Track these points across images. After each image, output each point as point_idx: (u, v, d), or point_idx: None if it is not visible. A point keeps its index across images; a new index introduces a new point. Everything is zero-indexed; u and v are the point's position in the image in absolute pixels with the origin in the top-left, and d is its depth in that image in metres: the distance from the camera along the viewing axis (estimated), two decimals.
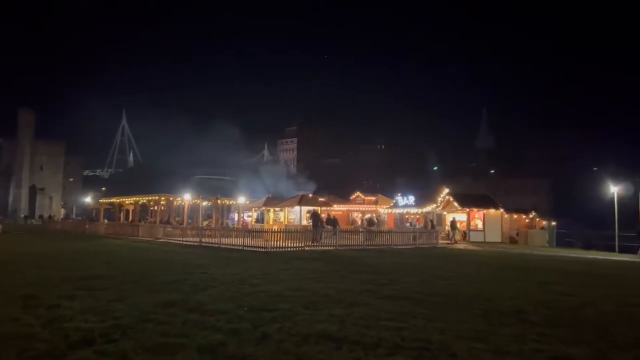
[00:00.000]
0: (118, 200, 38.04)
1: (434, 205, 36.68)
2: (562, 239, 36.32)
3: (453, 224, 31.51)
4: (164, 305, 6.76)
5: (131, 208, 37.74)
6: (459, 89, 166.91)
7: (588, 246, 33.77)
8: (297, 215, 30.38)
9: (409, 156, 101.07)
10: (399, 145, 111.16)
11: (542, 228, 35.14)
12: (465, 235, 33.17)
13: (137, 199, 35.52)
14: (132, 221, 35.91)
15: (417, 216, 39.57)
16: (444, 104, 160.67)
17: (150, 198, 34.51)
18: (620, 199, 31.25)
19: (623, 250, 29.68)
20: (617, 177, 33.09)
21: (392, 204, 40.85)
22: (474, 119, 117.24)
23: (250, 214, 36.35)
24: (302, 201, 30.75)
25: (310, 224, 25.91)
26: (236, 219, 36.93)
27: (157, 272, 11.08)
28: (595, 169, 61.47)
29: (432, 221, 32.54)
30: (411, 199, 39.52)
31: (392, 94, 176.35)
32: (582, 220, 48.32)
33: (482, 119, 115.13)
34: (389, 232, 26.52)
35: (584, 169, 74.61)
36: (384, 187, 67.26)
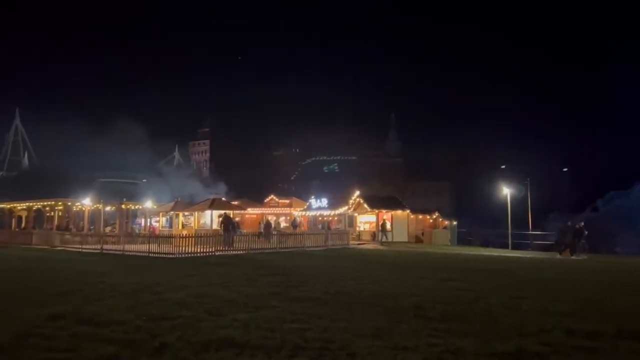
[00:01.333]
0: (8, 206, 34.80)
1: (346, 207, 37.56)
2: (462, 238, 38.72)
3: (383, 225, 32.35)
4: (51, 318, 6.24)
5: (24, 214, 34.72)
6: (369, 92, 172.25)
7: (485, 244, 36.33)
8: (209, 219, 29.68)
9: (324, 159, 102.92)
10: (314, 148, 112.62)
11: (445, 228, 37.27)
12: (374, 235, 34.26)
13: (31, 204, 32.73)
14: (24, 228, 33.05)
15: (330, 218, 40.26)
16: (356, 108, 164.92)
17: (45, 203, 31.93)
18: (512, 199, 33.98)
19: (515, 247, 32.28)
20: (510, 180, 35.94)
21: (306, 207, 41.22)
22: (384, 123, 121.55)
23: (157, 219, 34.94)
24: (213, 205, 30.11)
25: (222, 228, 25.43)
26: (143, 224, 35.31)
27: (48, 282, 10.25)
28: (500, 168, 66.30)
29: (382, 225, 32.95)
30: (324, 201, 40.14)
31: (305, 97, 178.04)
32: (480, 219, 51.79)
33: (391, 124, 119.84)
34: (301, 234, 26.70)
35: (482, 171, 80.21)
36: (299, 190, 67.78)
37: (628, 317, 6.55)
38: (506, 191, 33.74)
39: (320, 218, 40.73)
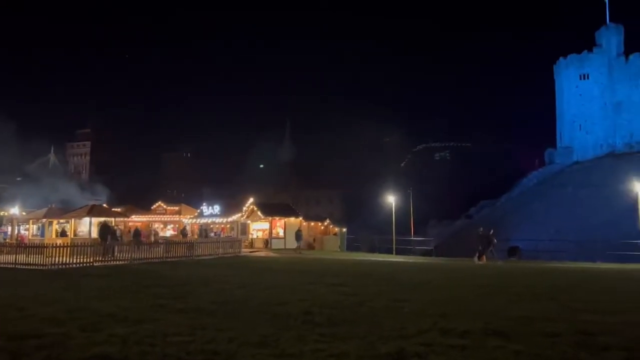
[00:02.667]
0: None
1: (239, 215, 37.03)
2: (351, 244, 40.01)
3: (298, 234, 31.98)
4: None
5: None
6: (267, 99, 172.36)
7: (372, 249, 37.88)
8: (87, 227, 27.51)
9: (216, 165, 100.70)
10: (207, 153, 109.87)
11: (335, 234, 38.29)
12: (267, 242, 34.17)
13: None
14: None
15: (222, 225, 39.42)
16: (252, 114, 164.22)
17: None
18: (397, 207, 35.91)
19: (399, 252, 34.08)
20: (394, 188, 37.98)
21: (196, 214, 39.94)
22: (279, 131, 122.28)
23: (27, 226, 31.64)
24: (92, 212, 27.97)
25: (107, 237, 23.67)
26: (9, 232, 31.74)
27: None
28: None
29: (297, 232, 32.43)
30: (217, 208, 39.24)
31: (200, 101, 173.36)
32: (368, 226, 54.01)
33: (286, 131, 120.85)
34: (190, 242, 25.78)
35: (371, 180, 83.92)
36: (190, 197, 65.55)
37: (493, 316, 7.17)
38: (391, 199, 35.57)
39: (212, 226, 39.71)
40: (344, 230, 40.23)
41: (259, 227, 36.66)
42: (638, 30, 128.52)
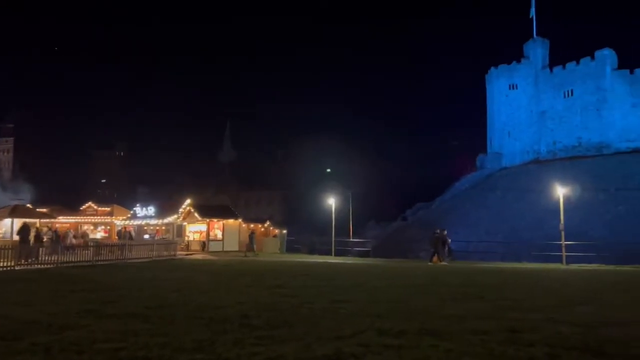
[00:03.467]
0: None
1: (175, 216, 36.06)
2: (292, 246, 40.02)
3: (251, 236, 31.21)
4: None
5: None
6: (204, 98, 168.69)
7: (312, 251, 38.10)
8: (9, 228, 25.78)
9: (152, 164, 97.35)
10: (142, 152, 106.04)
11: (275, 236, 38.15)
12: (204, 245, 33.49)
13: None
14: None
15: (157, 227, 38.23)
16: (192, 113, 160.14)
17: None
18: (337, 209, 36.29)
19: (338, 253, 34.46)
20: (335, 190, 38.37)
21: (129, 215, 38.50)
22: (219, 131, 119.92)
23: None
24: (15, 212, 26.25)
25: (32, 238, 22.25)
26: None
27: None
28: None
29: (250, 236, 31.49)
30: (151, 209, 38.01)
31: (136, 97, 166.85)
32: (309, 227, 54.23)
33: (226, 132, 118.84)
34: (122, 244, 24.77)
35: (312, 181, 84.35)
36: (123, 197, 63.05)
37: (428, 315, 7.39)
38: (331, 201, 35.92)
39: (145, 227, 38.39)
40: (284, 232, 40.20)
41: (196, 229, 35.87)
42: (562, 44, 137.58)
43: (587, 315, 7.55)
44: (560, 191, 28.28)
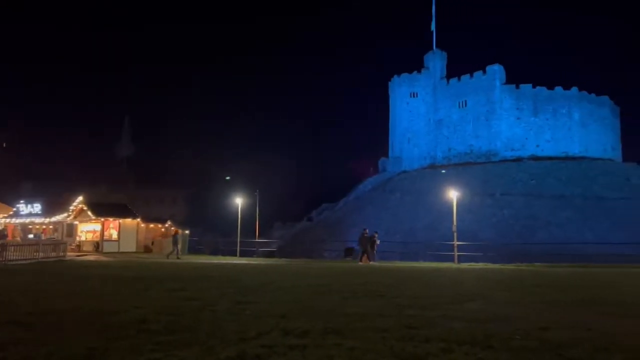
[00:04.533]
0: None
1: (65, 215, 33.47)
2: (194, 246, 38.87)
3: (175, 238, 29.09)
4: None
5: None
6: (102, 92, 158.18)
7: (215, 252, 37.27)
8: None
9: (41, 158, 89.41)
10: (28, 144, 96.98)
11: None
12: (98, 245, 31.42)
13: None
14: None
15: (44, 226, 35.27)
16: (88, 105, 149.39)
17: None
18: (243, 209, 35.84)
19: (243, 254, 34.05)
20: (242, 190, 37.86)
21: (11, 212, 35.02)
22: (115, 126, 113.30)
23: None
24: None
25: None
26: None
27: None
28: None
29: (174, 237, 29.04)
30: (37, 207, 34.97)
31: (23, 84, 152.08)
32: (213, 228, 53.05)
33: (124, 127, 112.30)
34: (2, 244, 22.42)
35: (215, 181, 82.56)
36: (4, 193, 57.11)
37: (331, 314, 7.50)
38: (238, 201, 35.40)
39: (30, 226, 35.21)
40: (187, 232, 38.90)
41: (89, 229, 33.56)
42: (459, 57, 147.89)
43: (476, 311, 8.12)
44: (454, 195, 30.29)
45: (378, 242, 26.74)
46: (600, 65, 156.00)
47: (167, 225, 37.36)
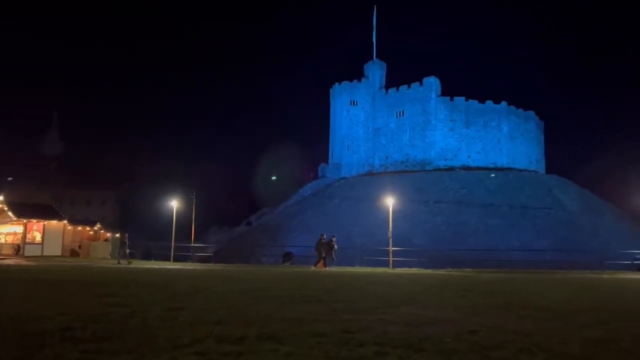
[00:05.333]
0: None
1: None
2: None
3: (124, 242, 27.26)
4: None
5: None
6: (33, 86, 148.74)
7: (147, 256, 35.92)
8: None
9: None
10: None
11: (106, 240, 35.16)
12: (19, 248, 29.44)
13: None
14: None
15: None
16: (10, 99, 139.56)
17: None
18: (179, 212, 34.83)
19: (177, 259, 33.08)
20: (178, 192, 36.81)
21: None
22: (41, 122, 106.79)
23: None
24: None
25: None
26: None
27: None
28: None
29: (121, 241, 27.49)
30: None
31: None
32: (145, 231, 51.13)
33: (52, 123, 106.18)
34: None
35: (147, 181, 79.81)
36: None
37: (268, 320, 7.43)
38: (173, 203, 34.37)
39: None
40: (117, 235, 37.26)
41: (9, 231, 31.39)
42: (398, 67, 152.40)
43: (410, 315, 8.33)
44: (390, 201, 31.02)
45: (336, 247, 26.72)
46: (527, 82, 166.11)
47: (96, 227, 35.63)
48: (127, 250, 27.73)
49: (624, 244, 45.04)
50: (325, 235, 27.22)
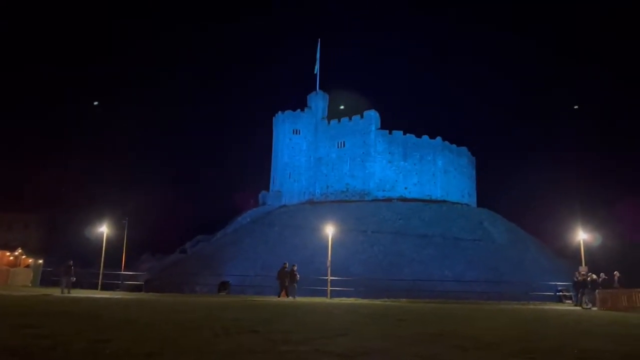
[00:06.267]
0: None
1: None
2: (48, 278, 34.99)
3: (69, 267, 24.92)
4: None
5: None
6: None
7: (73, 284, 33.86)
8: None
9: None
10: None
11: (28, 266, 32.95)
12: None
13: None
14: None
15: None
16: None
17: None
18: (110, 238, 33.27)
19: (106, 287, 31.43)
20: (106, 216, 35.18)
21: None
22: None
23: None
24: None
25: None
26: None
27: None
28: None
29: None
30: None
31: None
32: (72, 257, 48.30)
33: None
34: None
35: (76, 205, 75.94)
36: None
37: (200, 352, 7.20)
38: (103, 229, 32.83)
39: None
40: (40, 262, 35.02)
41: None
42: (341, 99, 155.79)
43: (346, 345, 8.35)
44: (330, 230, 31.25)
45: (298, 276, 26.34)
46: (461, 119, 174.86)
47: (17, 253, 33.28)
48: (73, 279, 25.94)
49: (547, 276, 47.76)
50: (287, 264, 26.97)
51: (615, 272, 25.89)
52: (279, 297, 25.27)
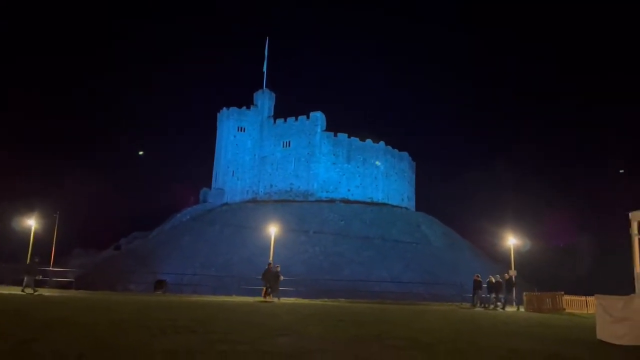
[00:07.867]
0: None
1: None
2: None
3: (33, 266, 22.54)
4: None
5: None
6: None
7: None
8: None
9: None
10: None
11: None
12: None
13: None
14: None
15: None
16: None
17: None
18: (38, 232, 31.49)
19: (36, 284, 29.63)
20: (34, 208, 33.36)
21: None
22: None
23: None
24: None
25: None
26: None
27: None
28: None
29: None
30: None
31: None
32: None
33: None
34: None
35: (7, 197, 71.41)
36: None
37: (134, 353, 6.99)
38: (31, 222, 31.03)
39: None
40: None
41: None
42: (287, 99, 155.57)
43: (286, 345, 8.37)
44: (272, 230, 31.13)
45: (282, 277, 25.79)
46: (403, 124, 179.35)
47: None
48: (39, 277, 24.07)
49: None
50: (272, 264, 26.32)
51: (508, 272, 27.98)
52: (263, 297, 24.84)
